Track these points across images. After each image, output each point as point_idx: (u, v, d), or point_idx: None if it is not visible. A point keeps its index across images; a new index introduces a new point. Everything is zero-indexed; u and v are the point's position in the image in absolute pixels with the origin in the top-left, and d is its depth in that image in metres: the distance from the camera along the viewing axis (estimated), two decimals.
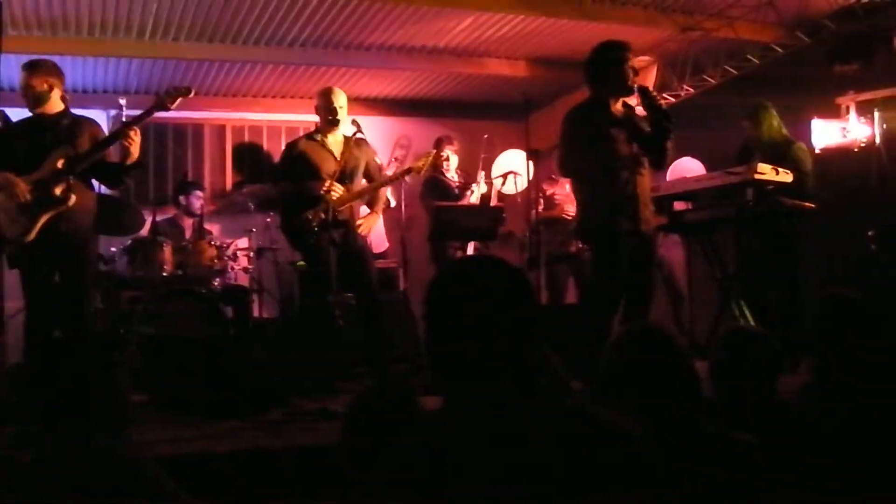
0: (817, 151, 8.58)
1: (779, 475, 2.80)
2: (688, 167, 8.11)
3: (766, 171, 6.72)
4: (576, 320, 8.03)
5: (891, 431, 3.20)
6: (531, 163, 7.22)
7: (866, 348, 3.64)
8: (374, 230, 7.92)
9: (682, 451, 2.58)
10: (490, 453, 1.91)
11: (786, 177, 6.84)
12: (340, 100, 6.98)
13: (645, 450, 1.99)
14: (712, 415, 2.88)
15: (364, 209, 7.46)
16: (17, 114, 6.45)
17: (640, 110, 6.19)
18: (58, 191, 5.92)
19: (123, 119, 6.20)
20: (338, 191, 6.77)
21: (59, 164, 5.95)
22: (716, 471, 2.62)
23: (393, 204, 9.12)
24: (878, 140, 8.65)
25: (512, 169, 9.18)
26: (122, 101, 6.34)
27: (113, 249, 8.13)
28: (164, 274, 7.78)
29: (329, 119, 6.94)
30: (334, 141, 6.98)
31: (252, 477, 4.13)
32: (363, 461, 2.56)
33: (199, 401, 5.52)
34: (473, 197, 9.21)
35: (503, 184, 9.28)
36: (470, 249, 8.89)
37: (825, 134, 8.83)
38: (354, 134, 6.91)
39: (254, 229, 8.68)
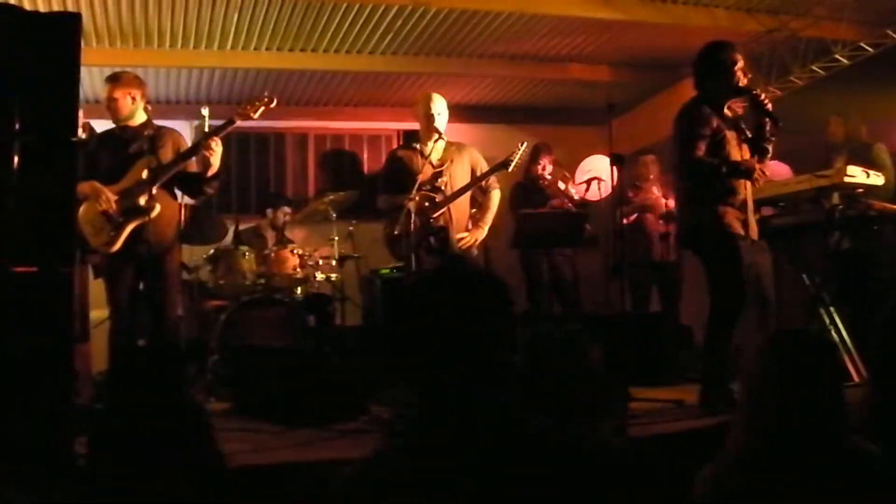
0: None
1: None
2: (775, 171, 7.94)
3: (855, 174, 6.55)
4: (657, 327, 7.96)
5: None
6: (615, 168, 7.09)
7: None
8: None
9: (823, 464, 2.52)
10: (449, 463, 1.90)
11: (877, 179, 6.66)
12: (438, 106, 6.94)
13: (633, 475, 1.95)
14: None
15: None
16: (102, 125, 6.51)
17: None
18: (142, 201, 5.97)
19: (206, 129, 6.23)
20: (427, 202, 6.73)
21: (143, 174, 6.00)
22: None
23: None
24: None
25: (595, 174, 9.09)
26: (205, 112, 6.36)
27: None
28: (247, 283, 7.80)
29: (427, 125, 6.91)
30: (433, 147, 6.93)
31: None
32: None
33: (280, 409, 5.52)
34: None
35: (587, 190, 9.18)
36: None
37: None
38: (437, 140, 6.84)
39: (336, 237, 8.66)
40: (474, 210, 7.40)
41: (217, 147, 6.06)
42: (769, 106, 5.82)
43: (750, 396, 2.79)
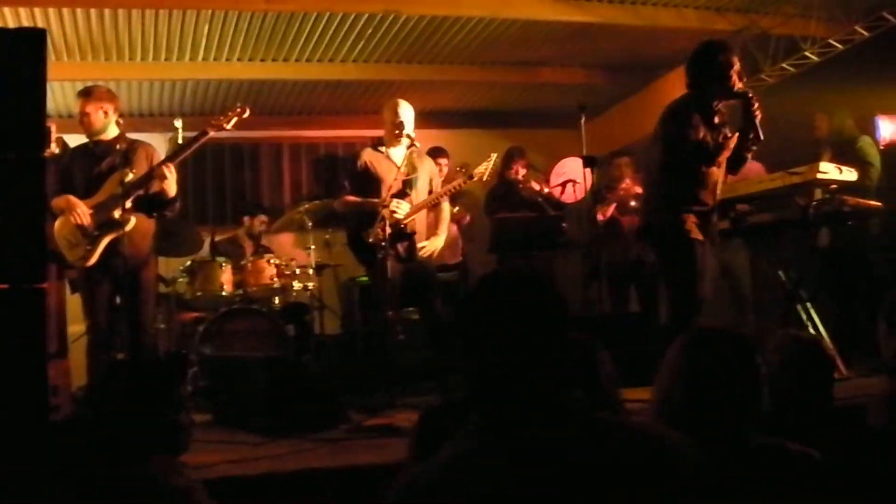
0: (881, 147, 8.40)
1: (838, 489, 2.69)
2: (749, 169, 7.97)
3: (828, 171, 6.58)
4: (637, 327, 7.98)
5: None
6: (588, 170, 7.15)
7: None
8: (449, 241, 7.78)
9: (732, 463, 2.52)
10: (522, 470, 1.90)
11: (850, 175, 6.69)
12: (406, 113, 6.92)
13: (690, 471, 1.96)
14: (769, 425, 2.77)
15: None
16: (75, 139, 6.48)
17: None
18: (116, 214, 5.94)
19: (180, 141, 6.21)
20: (400, 208, 6.72)
21: (117, 188, 5.97)
22: (771, 484, 2.54)
23: (456, 209, 9.04)
24: None
25: (570, 177, 9.10)
26: (178, 124, 6.31)
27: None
28: (224, 294, 7.79)
29: (395, 132, 6.88)
30: (398, 153, 6.92)
31: (316, 497, 4.09)
32: None
33: (260, 419, 5.50)
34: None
35: (562, 192, 9.19)
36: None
37: (890, 131, 8.65)
38: (411, 146, 6.84)
39: (313, 246, 8.66)
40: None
41: (171, 174, 6.03)
42: (759, 115, 5.83)
43: (664, 391, 2.78)
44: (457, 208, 8.99)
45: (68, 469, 2.66)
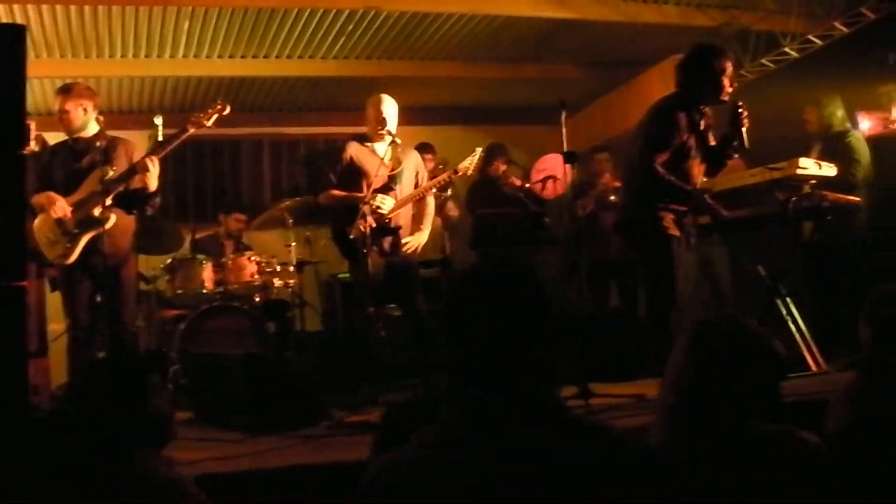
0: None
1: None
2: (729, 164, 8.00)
3: (808, 166, 6.60)
4: (617, 323, 8.01)
5: None
6: (569, 166, 7.13)
7: None
8: (432, 237, 7.74)
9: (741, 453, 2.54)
10: (501, 465, 1.90)
11: (829, 171, 6.71)
12: (389, 108, 6.90)
13: (667, 474, 1.98)
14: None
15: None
16: (55, 137, 6.45)
17: None
18: (96, 212, 5.93)
19: (160, 138, 6.18)
20: (385, 203, 6.72)
21: (97, 185, 5.95)
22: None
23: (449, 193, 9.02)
24: None
25: (551, 173, 9.11)
26: (158, 121, 6.27)
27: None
28: (205, 291, 7.77)
29: (378, 128, 6.86)
30: (382, 148, 6.90)
31: (298, 494, 4.09)
32: None
33: (242, 417, 5.50)
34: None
35: (543, 188, 9.20)
36: None
37: (870, 125, 8.68)
38: (392, 142, 6.82)
39: (293, 243, 8.65)
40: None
41: (153, 167, 6.02)
42: (746, 124, 5.85)
43: (670, 387, 2.80)
44: (449, 193, 8.99)
45: (55, 466, 2.66)
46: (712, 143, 5.97)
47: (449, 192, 8.94)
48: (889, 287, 3.76)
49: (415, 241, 7.01)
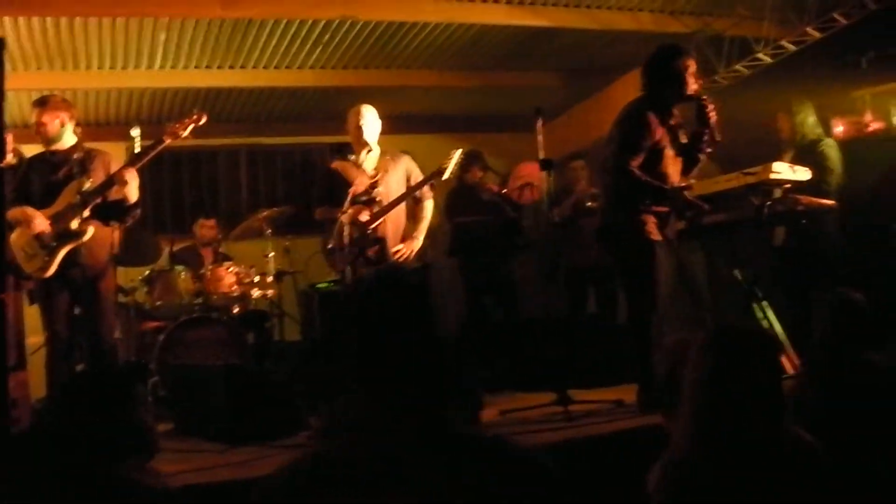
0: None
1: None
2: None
3: (781, 171, 6.65)
4: (595, 329, 8.05)
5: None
6: (545, 173, 7.17)
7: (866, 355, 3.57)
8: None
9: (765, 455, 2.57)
10: (370, 482, 1.89)
11: (804, 175, 6.77)
12: (367, 117, 6.88)
13: (552, 480, 1.96)
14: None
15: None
16: (32, 149, 6.44)
17: None
18: (74, 224, 5.92)
19: (137, 150, 6.18)
20: (362, 214, 6.71)
21: (74, 197, 5.95)
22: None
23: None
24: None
25: (528, 180, 9.14)
26: (135, 132, 6.27)
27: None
28: (184, 302, 7.77)
29: (357, 136, 6.86)
30: (368, 158, 6.89)
31: None
32: None
33: (222, 427, 5.51)
34: None
35: (520, 196, 9.23)
36: None
37: (844, 130, 8.74)
38: (369, 152, 6.82)
39: (272, 253, 8.64)
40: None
41: (132, 179, 6.02)
42: (713, 117, 5.89)
43: (693, 393, 2.82)
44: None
45: (40, 480, 2.66)
46: (684, 140, 5.99)
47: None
48: (830, 294, 3.84)
49: (407, 249, 6.98)
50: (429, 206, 7.21)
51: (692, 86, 5.89)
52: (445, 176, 7.04)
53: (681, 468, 2.73)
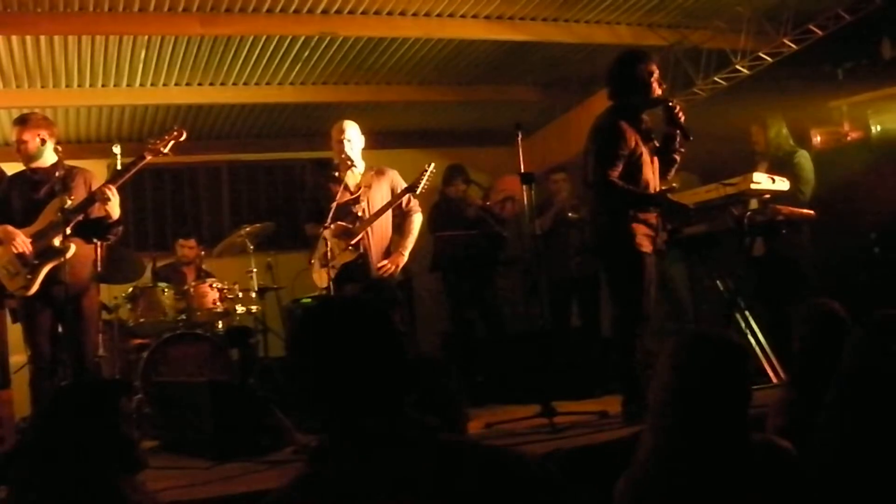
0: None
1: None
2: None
3: (761, 181, 6.71)
4: (579, 341, 8.07)
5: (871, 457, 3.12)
6: (526, 187, 7.21)
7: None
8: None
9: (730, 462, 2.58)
10: (370, 493, 1.88)
11: (782, 185, 6.82)
12: (349, 132, 6.87)
13: (548, 486, 1.95)
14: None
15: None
16: (13, 168, 6.44)
17: None
18: (56, 242, 5.91)
19: (118, 167, 6.18)
20: (342, 230, 6.72)
21: (56, 215, 5.94)
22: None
23: None
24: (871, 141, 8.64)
25: (509, 194, 9.18)
26: (116, 149, 6.29)
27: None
28: (168, 319, 7.77)
29: (340, 153, 6.87)
30: (351, 173, 6.90)
31: None
32: None
33: (208, 444, 5.51)
34: None
35: (501, 209, 9.26)
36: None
37: (821, 140, 8.82)
38: (351, 167, 6.82)
39: (255, 269, 8.64)
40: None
41: (113, 196, 6.01)
42: (682, 117, 5.92)
43: (656, 403, 2.82)
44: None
45: (30, 497, 2.66)
46: (657, 145, 6.02)
47: None
48: (809, 305, 3.88)
49: (391, 264, 6.94)
50: (417, 220, 7.20)
51: (657, 90, 5.92)
52: (418, 191, 7.04)
53: (640, 486, 2.74)
